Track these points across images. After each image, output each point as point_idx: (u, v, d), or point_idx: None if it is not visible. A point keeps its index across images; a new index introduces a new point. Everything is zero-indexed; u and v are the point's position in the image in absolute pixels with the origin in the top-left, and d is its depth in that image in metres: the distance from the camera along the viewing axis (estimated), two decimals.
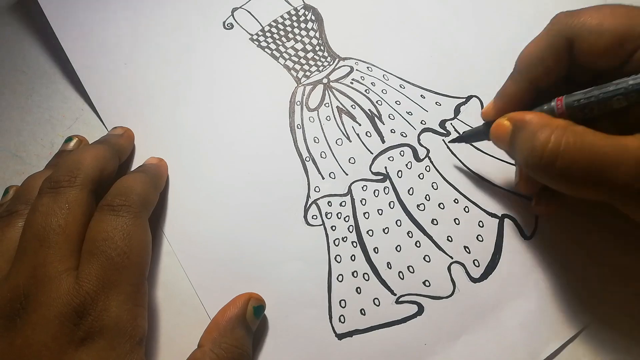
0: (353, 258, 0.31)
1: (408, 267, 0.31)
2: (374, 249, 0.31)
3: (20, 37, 0.42)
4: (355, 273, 0.31)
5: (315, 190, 0.33)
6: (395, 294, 0.30)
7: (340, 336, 0.29)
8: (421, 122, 0.35)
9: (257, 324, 0.29)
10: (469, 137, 0.32)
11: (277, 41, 0.39)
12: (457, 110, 0.35)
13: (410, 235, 0.32)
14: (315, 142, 0.35)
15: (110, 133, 0.36)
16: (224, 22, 0.40)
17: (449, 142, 0.33)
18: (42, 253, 0.26)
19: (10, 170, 0.37)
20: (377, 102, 0.36)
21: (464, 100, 0.35)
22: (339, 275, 0.31)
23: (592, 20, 0.25)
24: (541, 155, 0.23)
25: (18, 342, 0.24)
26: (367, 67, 0.37)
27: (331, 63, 0.37)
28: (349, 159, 0.34)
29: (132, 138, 0.36)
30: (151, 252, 0.29)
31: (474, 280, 0.30)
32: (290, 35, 0.39)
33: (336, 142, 0.35)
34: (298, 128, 0.35)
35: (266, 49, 0.38)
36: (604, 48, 0.25)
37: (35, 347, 0.24)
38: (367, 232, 0.32)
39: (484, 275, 0.30)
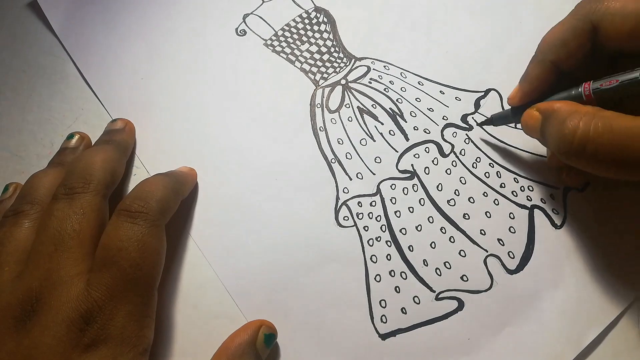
0: (389, 257, 0.31)
1: (444, 263, 0.31)
2: (409, 247, 0.31)
3: (21, 36, 0.42)
4: (392, 272, 0.31)
5: (344, 191, 0.33)
6: (434, 291, 0.30)
7: (384, 336, 0.29)
8: (443, 118, 0.35)
9: (267, 353, 0.29)
10: (497, 120, 0.32)
11: (292, 45, 0.38)
12: (477, 104, 0.35)
13: (443, 231, 0.32)
14: (339, 143, 0.35)
15: (111, 128, 0.36)
16: (236, 29, 0.39)
17: (478, 124, 0.34)
18: (56, 257, 0.26)
19: (10, 169, 0.37)
20: (397, 100, 0.36)
21: (482, 94, 0.35)
22: (377, 275, 0.31)
23: (615, 5, 0.26)
24: (571, 141, 0.24)
25: (25, 343, 0.24)
26: (384, 66, 0.37)
27: (347, 64, 0.37)
28: (375, 159, 0.34)
29: (134, 131, 0.36)
30: (164, 261, 0.28)
31: (511, 272, 0.30)
32: (304, 39, 0.39)
33: (360, 143, 0.35)
34: (321, 130, 0.35)
35: (281, 54, 0.38)
36: (629, 31, 0.25)
37: (41, 349, 0.24)
38: (400, 230, 0.32)
39: (520, 267, 0.30)
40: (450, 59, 0.37)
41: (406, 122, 0.35)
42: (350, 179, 0.34)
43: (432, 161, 0.34)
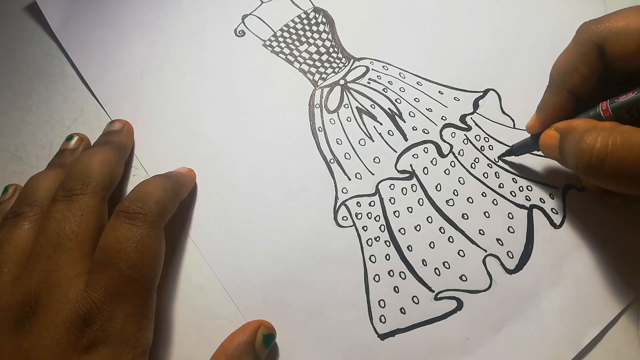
0: (387, 257, 0.31)
1: (443, 263, 0.31)
2: (408, 247, 0.31)
3: (20, 37, 0.42)
4: (391, 272, 0.31)
5: (342, 191, 0.33)
6: (433, 291, 0.30)
7: (383, 336, 0.29)
8: (442, 118, 0.35)
9: (266, 354, 0.29)
10: (518, 149, 0.32)
11: (291, 45, 0.38)
12: (475, 104, 0.35)
13: (442, 231, 0.32)
14: (338, 143, 0.35)
15: (109, 129, 0.36)
16: (235, 30, 0.39)
17: (498, 157, 0.33)
18: (55, 259, 0.26)
19: (9, 170, 0.37)
20: (396, 100, 0.36)
21: (481, 94, 0.35)
22: (375, 275, 0.31)
23: (618, 24, 0.26)
24: (590, 157, 0.24)
25: (24, 345, 0.24)
26: (383, 66, 0.37)
27: (346, 64, 0.37)
28: (374, 159, 0.34)
29: (132, 132, 0.36)
30: (163, 263, 0.28)
31: (510, 272, 0.30)
32: (303, 39, 0.39)
33: (359, 143, 0.35)
34: (320, 131, 0.35)
35: (280, 54, 0.38)
36: (635, 47, 0.25)
37: (40, 351, 0.24)
38: (399, 230, 0.32)
39: (519, 266, 0.30)
40: (449, 59, 0.37)
41: (405, 122, 0.35)
42: (349, 179, 0.34)
43: (431, 161, 0.34)
